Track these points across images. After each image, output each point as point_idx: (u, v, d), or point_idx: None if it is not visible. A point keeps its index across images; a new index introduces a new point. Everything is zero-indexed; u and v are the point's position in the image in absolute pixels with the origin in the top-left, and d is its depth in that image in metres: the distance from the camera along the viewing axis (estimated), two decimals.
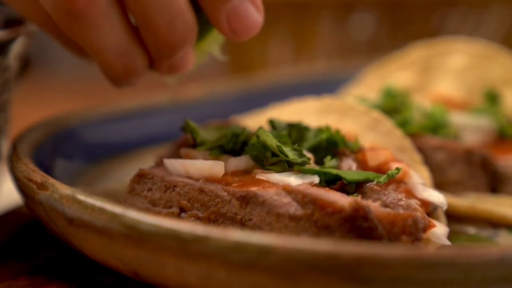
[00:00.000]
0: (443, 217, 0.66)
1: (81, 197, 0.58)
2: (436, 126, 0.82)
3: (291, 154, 0.62)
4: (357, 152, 0.66)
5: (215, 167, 0.63)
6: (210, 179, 0.62)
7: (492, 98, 0.91)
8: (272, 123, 0.71)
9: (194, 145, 0.68)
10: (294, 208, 0.58)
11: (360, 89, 0.97)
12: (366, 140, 0.72)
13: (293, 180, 0.60)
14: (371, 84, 0.97)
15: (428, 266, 0.49)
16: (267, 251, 0.50)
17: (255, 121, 0.78)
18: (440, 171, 0.77)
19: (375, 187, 0.61)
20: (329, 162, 0.65)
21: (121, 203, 0.63)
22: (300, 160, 0.62)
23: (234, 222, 0.60)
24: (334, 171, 0.62)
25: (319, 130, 0.69)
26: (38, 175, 0.63)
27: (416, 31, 1.45)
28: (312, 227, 0.57)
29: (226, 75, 1.58)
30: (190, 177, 0.63)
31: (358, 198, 0.58)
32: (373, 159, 0.65)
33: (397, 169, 0.63)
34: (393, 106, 0.84)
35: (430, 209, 0.64)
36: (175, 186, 0.63)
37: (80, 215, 0.58)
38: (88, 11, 0.60)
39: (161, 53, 0.65)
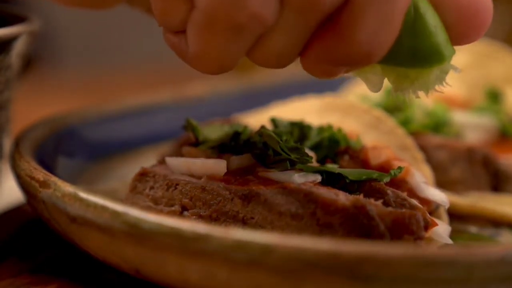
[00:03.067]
0: (445, 216, 0.66)
1: (83, 195, 0.58)
2: (438, 125, 0.82)
3: (293, 153, 0.62)
4: (359, 151, 0.66)
5: (217, 165, 0.63)
6: (212, 178, 0.62)
7: (494, 97, 0.91)
8: (274, 121, 0.71)
9: (196, 143, 0.68)
10: (295, 207, 0.58)
11: (362, 87, 0.97)
12: (368, 138, 0.72)
13: (295, 178, 0.60)
14: None
15: (429, 265, 0.49)
16: (269, 249, 0.50)
17: (257, 120, 0.78)
18: (442, 169, 0.77)
19: (377, 186, 0.61)
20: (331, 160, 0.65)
21: (123, 202, 0.63)
22: (302, 158, 0.62)
23: (236, 220, 0.60)
24: (336, 170, 0.62)
25: (321, 129, 0.69)
26: (40, 173, 0.63)
27: None
28: (313, 226, 0.57)
29: (227, 74, 1.58)
30: (192, 176, 0.63)
31: (360, 196, 0.58)
32: (375, 158, 0.65)
33: (399, 168, 0.63)
34: (395, 105, 0.84)
35: (432, 208, 0.64)
36: (177, 184, 0.63)
37: (82, 213, 0.58)
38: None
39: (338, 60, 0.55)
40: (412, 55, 0.55)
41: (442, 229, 0.61)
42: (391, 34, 0.53)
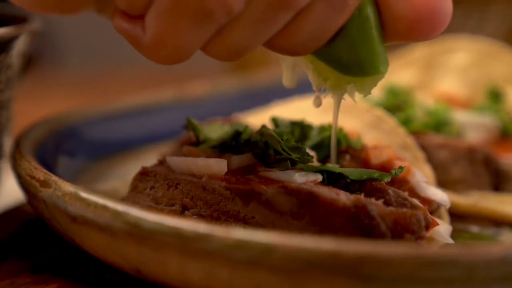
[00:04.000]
0: (446, 216, 0.66)
1: (84, 194, 0.58)
2: (439, 124, 0.82)
3: (294, 153, 0.62)
4: (360, 150, 0.66)
5: (218, 165, 0.62)
6: (212, 177, 0.62)
7: (495, 96, 0.91)
8: (275, 121, 0.71)
9: (197, 143, 0.68)
10: (296, 206, 0.58)
11: None
12: (369, 138, 0.72)
13: (296, 178, 0.60)
14: None
15: (431, 264, 0.49)
16: (270, 249, 0.50)
17: (257, 119, 0.78)
18: (443, 169, 0.77)
19: (378, 185, 0.61)
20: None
21: (123, 201, 0.63)
22: (303, 158, 0.62)
23: (237, 220, 0.60)
24: (337, 169, 0.62)
25: (322, 128, 0.68)
26: (41, 173, 0.63)
27: None
28: (315, 225, 0.57)
29: (228, 73, 1.58)
30: (192, 175, 0.63)
31: (361, 196, 0.58)
32: (376, 157, 0.65)
33: (400, 167, 0.63)
34: (396, 104, 0.84)
35: (433, 207, 0.64)
36: (177, 184, 0.63)
37: (82, 212, 0.58)
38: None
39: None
40: (336, 60, 0.57)
41: (443, 228, 0.61)
42: (318, 44, 0.56)
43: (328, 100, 0.77)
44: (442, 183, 0.75)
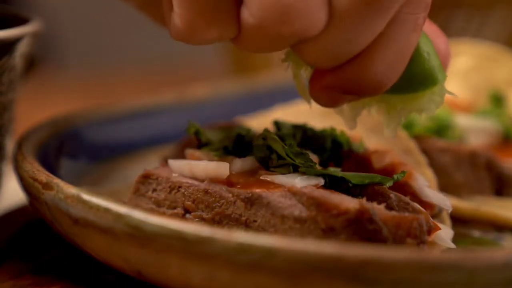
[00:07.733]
0: (447, 220, 0.66)
1: (86, 197, 0.58)
2: (441, 128, 0.82)
3: (297, 158, 0.62)
4: (362, 154, 0.66)
5: (220, 168, 0.62)
6: (215, 180, 0.62)
7: (497, 100, 0.91)
8: (277, 124, 0.70)
9: (199, 146, 0.68)
10: (299, 210, 0.58)
11: None
12: (371, 142, 0.72)
13: (298, 182, 0.60)
14: None
15: (432, 268, 0.49)
16: (272, 252, 0.50)
17: (259, 122, 0.78)
18: (445, 173, 0.77)
19: (380, 189, 0.61)
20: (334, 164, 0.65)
21: (125, 204, 0.63)
22: (306, 164, 0.62)
23: (239, 223, 0.60)
24: (339, 173, 0.62)
25: (324, 132, 0.68)
26: (43, 175, 0.63)
27: None
28: (317, 229, 0.57)
29: (230, 76, 1.58)
30: (195, 178, 0.63)
31: (363, 200, 0.58)
32: (378, 162, 0.65)
33: (402, 171, 0.63)
34: None
35: (434, 211, 0.64)
36: (179, 187, 0.63)
37: (84, 215, 0.58)
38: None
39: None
40: (407, 80, 0.57)
41: (445, 233, 0.61)
42: (402, 66, 0.55)
43: None
44: (444, 188, 0.75)
